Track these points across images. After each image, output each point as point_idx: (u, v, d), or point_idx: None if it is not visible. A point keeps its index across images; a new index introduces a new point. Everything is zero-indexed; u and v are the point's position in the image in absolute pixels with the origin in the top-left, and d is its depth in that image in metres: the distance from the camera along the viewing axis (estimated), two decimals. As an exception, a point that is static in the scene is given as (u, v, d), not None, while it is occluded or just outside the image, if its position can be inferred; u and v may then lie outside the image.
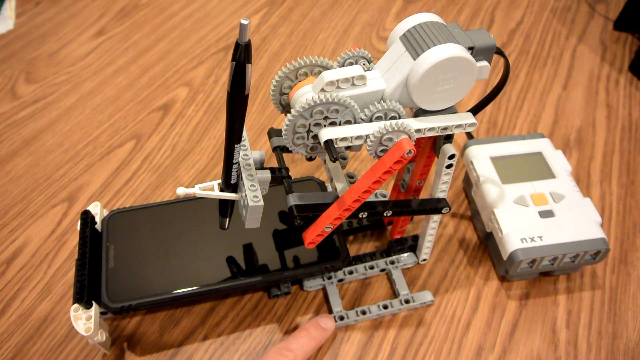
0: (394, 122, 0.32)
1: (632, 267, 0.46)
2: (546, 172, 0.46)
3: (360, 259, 0.45)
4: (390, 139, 0.32)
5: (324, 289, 0.44)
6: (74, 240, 0.47)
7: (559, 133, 0.57)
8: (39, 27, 0.69)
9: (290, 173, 0.38)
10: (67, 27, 0.69)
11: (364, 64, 0.35)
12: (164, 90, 0.60)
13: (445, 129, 0.34)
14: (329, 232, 0.36)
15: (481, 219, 0.46)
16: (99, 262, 0.40)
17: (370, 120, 0.33)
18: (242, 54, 0.28)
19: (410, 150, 0.31)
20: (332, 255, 0.42)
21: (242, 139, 0.34)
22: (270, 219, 0.43)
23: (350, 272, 0.44)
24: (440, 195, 0.39)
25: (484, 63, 0.33)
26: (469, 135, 0.53)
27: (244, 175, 0.35)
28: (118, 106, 0.59)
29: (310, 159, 0.37)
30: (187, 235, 0.42)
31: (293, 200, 0.35)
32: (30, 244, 0.47)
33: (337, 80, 0.32)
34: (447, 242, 0.48)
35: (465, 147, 0.48)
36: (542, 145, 0.48)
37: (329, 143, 0.32)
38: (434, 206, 0.39)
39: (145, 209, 0.44)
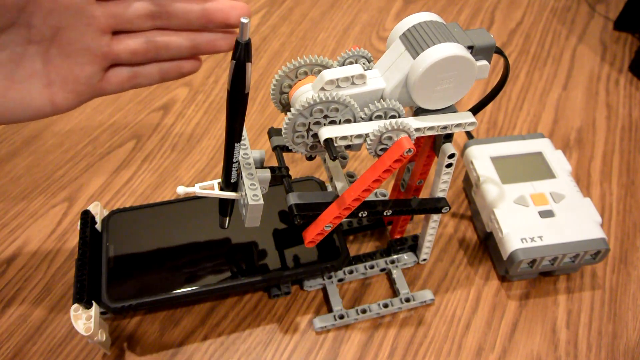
0: (393, 121, 0.32)
1: (632, 267, 0.46)
2: (546, 172, 0.46)
3: (360, 258, 0.45)
4: (390, 138, 0.32)
5: (324, 289, 0.44)
6: (74, 240, 0.47)
7: (559, 133, 0.57)
8: (39, 27, 0.69)
9: (290, 173, 0.38)
10: (67, 28, 0.69)
11: (363, 63, 0.35)
12: (164, 90, 0.60)
13: (444, 128, 0.34)
14: (328, 231, 0.36)
15: (481, 219, 0.46)
16: (99, 262, 0.40)
17: (370, 119, 0.33)
18: (242, 53, 0.28)
19: (409, 149, 0.31)
20: (332, 255, 0.42)
21: (242, 138, 0.34)
22: (270, 218, 0.43)
23: (351, 272, 0.44)
24: (440, 194, 0.39)
25: (484, 62, 0.33)
26: (469, 135, 0.53)
27: (244, 174, 0.35)
28: (118, 106, 0.59)
29: (310, 158, 0.37)
30: (187, 235, 0.42)
31: (293, 199, 0.35)
32: (30, 244, 0.47)
33: (337, 79, 0.32)
34: (447, 242, 0.48)
35: (465, 147, 0.48)
36: (542, 145, 0.48)
37: (328, 142, 0.32)
38: (434, 205, 0.39)
39: (145, 209, 0.44)
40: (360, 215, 0.36)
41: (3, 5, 0.28)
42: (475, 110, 0.36)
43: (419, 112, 0.34)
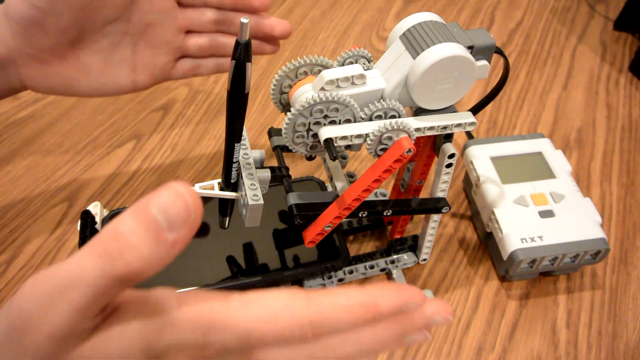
0: (393, 120, 0.32)
1: (632, 267, 0.46)
2: (546, 172, 0.46)
3: (360, 258, 0.45)
4: (390, 138, 0.32)
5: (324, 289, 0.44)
6: (74, 240, 0.47)
7: (559, 133, 0.57)
8: (39, 27, 0.69)
9: (290, 173, 0.38)
10: (67, 28, 0.69)
11: (363, 63, 0.35)
12: (164, 90, 0.60)
13: (444, 127, 0.34)
14: (328, 231, 0.36)
15: (481, 219, 0.46)
16: (98, 262, 0.40)
17: (370, 119, 0.33)
18: (242, 53, 0.28)
19: (409, 149, 0.31)
20: (332, 255, 0.42)
21: (242, 138, 0.34)
22: (270, 218, 0.43)
23: (351, 272, 0.44)
24: (440, 194, 0.39)
25: (484, 62, 0.33)
26: (469, 135, 0.53)
27: (244, 174, 0.35)
28: (118, 106, 0.59)
29: (310, 158, 0.37)
30: (187, 235, 0.42)
31: (293, 199, 0.35)
32: (30, 244, 0.47)
33: (337, 79, 0.32)
34: (447, 242, 0.48)
35: (465, 147, 0.48)
36: (542, 145, 0.48)
37: (328, 142, 0.32)
38: (434, 205, 0.39)
39: (145, 208, 0.44)
40: (360, 215, 0.36)
41: (114, 4, 0.37)
42: (475, 110, 0.36)
43: (419, 112, 0.34)
